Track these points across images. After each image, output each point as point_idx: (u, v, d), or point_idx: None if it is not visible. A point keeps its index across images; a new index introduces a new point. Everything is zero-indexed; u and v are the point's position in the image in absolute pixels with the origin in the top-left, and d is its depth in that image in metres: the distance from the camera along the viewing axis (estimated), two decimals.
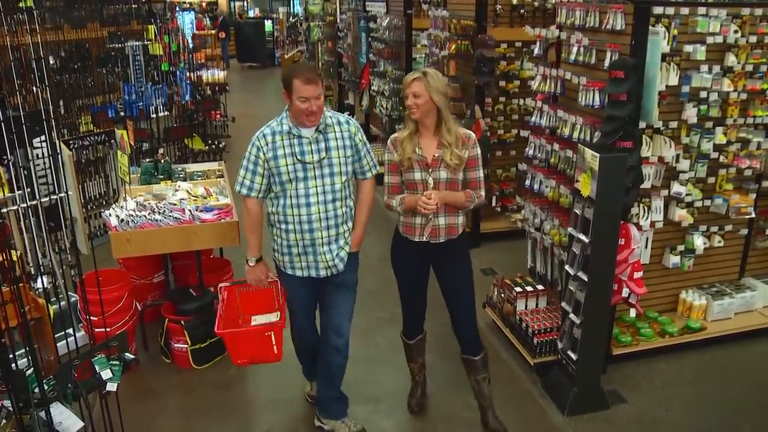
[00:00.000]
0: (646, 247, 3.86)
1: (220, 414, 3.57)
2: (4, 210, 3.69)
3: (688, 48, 3.55)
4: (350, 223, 3.09)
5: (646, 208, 3.73)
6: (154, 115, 6.21)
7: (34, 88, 4.47)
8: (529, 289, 4.07)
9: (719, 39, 3.57)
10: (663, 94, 3.46)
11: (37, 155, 3.76)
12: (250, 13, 21.66)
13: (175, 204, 3.93)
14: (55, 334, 2.94)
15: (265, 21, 18.56)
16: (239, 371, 3.97)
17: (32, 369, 2.46)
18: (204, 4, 20.74)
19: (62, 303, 3.79)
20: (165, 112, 6.54)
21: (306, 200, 2.93)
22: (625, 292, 3.56)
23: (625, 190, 3.31)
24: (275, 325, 3.15)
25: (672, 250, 4.05)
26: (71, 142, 5.36)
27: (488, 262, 5.39)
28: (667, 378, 3.85)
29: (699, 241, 4.02)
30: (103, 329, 3.21)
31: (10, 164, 3.66)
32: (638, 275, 3.55)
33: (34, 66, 3.78)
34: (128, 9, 6.30)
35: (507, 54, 5.71)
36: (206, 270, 4.26)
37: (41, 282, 3.43)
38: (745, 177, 4.02)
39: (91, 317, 3.19)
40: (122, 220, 3.73)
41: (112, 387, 2.71)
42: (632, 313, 3.85)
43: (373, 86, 8.18)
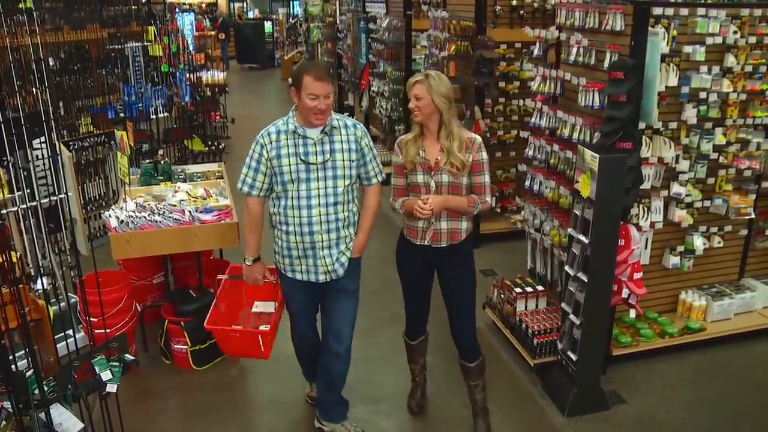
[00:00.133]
0: (646, 247, 3.86)
1: (221, 415, 3.57)
2: (4, 211, 3.68)
3: (687, 49, 3.56)
4: (352, 228, 3.04)
5: (645, 209, 3.73)
6: (154, 117, 6.21)
7: (34, 90, 4.46)
8: (529, 289, 4.07)
9: (719, 40, 3.57)
10: (662, 94, 3.46)
11: (37, 156, 3.76)
12: (250, 14, 21.66)
13: (174, 205, 3.94)
14: (54, 335, 2.94)
15: (265, 22, 18.56)
16: (239, 372, 3.97)
17: (32, 370, 2.46)
18: (204, 5, 20.72)
19: (62, 304, 3.79)
20: (165, 113, 6.54)
21: (307, 202, 2.90)
22: (625, 292, 3.56)
23: (625, 190, 3.31)
24: (263, 332, 3.22)
25: (672, 250, 4.05)
26: (71, 144, 5.35)
27: (488, 263, 5.39)
28: (667, 378, 3.85)
29: (699, 242, 4.02)
30: (102, 330, 3.21)
31: (9, 165, 3.66)
32: (638, 276, 3.55)
33: (33, 67, 3.77)
34: (128, 10, 6.28)
35: (506, 55, 5.72)
36: (206, 271, 4.26)
37: (41, 283, 3.42)
38: (745, 178, 4.02)
39: (91, 318, 3.19)
40: (122, 221, 3.73)
41: (111, 388, 2.70)
42: (632, 314, 3.84)
43: (372, 87, 8.19)
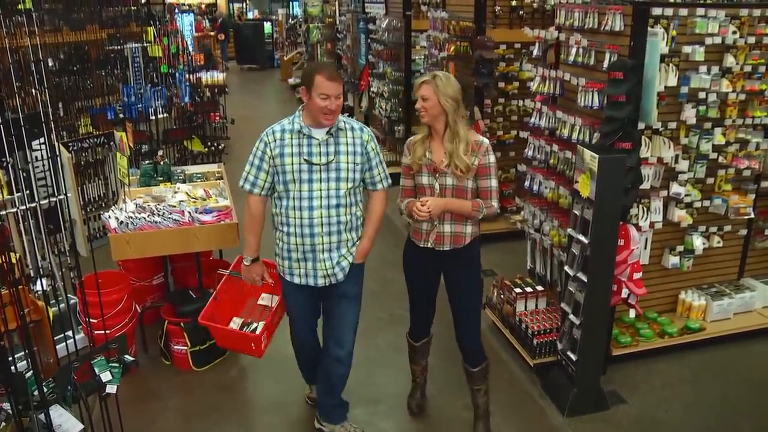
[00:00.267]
0: (646, 247, 3.87)
1: (220, 416, 3.57)
2: (3, 212, 3.69)
3: (686, 49, 3.56)
4: (355, 232, 3.00)
5: (645, 209, 3.73)
6: (154, 117, 6.21)
7: (33, 91, 4.46)
8: (528, 290, 4.07)
9: (718, 40, 3.57)
10: (662, 95, 3.47)
11: (36, 157, 3.76)
12: (249, 15, 21.65)
13: (174, 206, 3.93)
14: (54, 336, 2.95)
15: (265, 23, 18.54)
16: (239, 373, 3.97)
17: (32, 371, 2.46)
18: (203, 6, 20.73)
19: (62, 305, 3.78)
20: (164, 114, 6.55)
21: (309, 203, 2.87)
22: (625, 292, 3.56)
23: (625, 190, 3.32)
24: (254, 336, 3.28)
25: (671, 250, 4.05)
26: (70, 144, 5.34)
27: (488, 263, 5.38)
28: (667, 378, 3.85)
29: (698, 242, 4.02)
30: (102, 331, 3.21)
31: (9, 166, 3.66)
32: (637, 276, 3.55)
33: (33, 68, 3.77)
34: (127, 11, 6.28)
35: (506, 55, 5.72)
36: (206, 272, 4.25)
37: (40, 284, 3.41)
38: (744, 177, 4.02)
39: (91, 319, 3.19)
40: (121, 222, 3.73)
41: (111, 389, 2.70)
42: (632, 314, 3.84)
43: (372, 88, 8.19)
